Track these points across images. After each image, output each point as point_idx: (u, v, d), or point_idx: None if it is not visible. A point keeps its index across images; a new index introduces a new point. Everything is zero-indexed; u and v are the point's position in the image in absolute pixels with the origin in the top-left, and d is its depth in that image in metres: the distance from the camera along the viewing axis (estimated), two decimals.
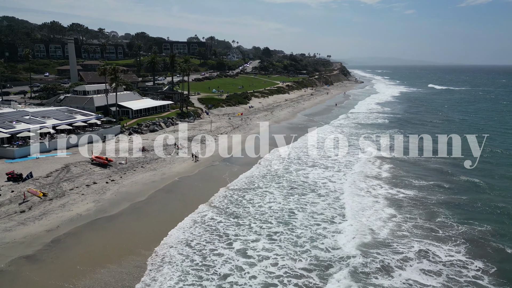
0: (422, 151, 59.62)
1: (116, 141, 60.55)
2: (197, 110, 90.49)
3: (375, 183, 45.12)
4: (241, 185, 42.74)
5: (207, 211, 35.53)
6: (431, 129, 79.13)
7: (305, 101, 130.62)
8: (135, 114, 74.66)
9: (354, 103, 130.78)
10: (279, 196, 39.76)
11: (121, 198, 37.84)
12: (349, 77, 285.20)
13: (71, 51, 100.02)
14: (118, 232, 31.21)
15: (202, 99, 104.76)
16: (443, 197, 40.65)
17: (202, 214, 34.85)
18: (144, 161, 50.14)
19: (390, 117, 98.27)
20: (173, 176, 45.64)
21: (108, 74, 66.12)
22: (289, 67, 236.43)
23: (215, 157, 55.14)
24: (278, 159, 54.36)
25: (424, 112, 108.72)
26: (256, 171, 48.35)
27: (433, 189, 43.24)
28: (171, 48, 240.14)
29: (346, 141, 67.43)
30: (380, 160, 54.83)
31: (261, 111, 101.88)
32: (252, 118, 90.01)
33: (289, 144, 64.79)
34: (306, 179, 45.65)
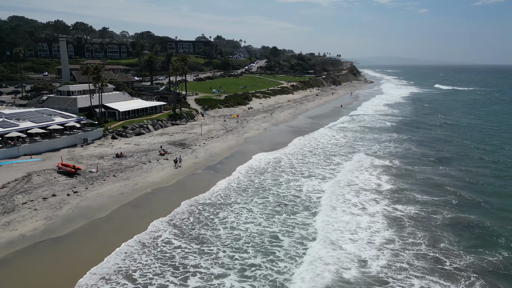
0: (429, 160, 53.89)
1: (96, 145, 56.20)
2: (191, 111, 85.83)
3: (373, 197, 39.64)
4: (216, 199, 37.57)
5: (163, 231, 30.35)
6: (440, 135, 73.05)
7: (309, 102, 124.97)
8: (122, 116, 70.33)
9: (361, 104, 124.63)
10: (261, 215, 34.30)
11: (78, 214, 33.21)
12: (358, 76, 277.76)
13: (62, 50, 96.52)
14: (60, 259, 26.50)
15: (199, 99, 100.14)
16: (449, 216, 35.11)
17: (156, 235, 29.66)
18: (118, 169, 45.54)
19: (398, 120, 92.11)
20: (146, 187, 40.89)
21: (90, 73, 61.84)
22: (296, 66, 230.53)
23: (199, 164, 50.27)
24: (269, 167, 49.17)
25: (433, 114, 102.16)
26: (238, 182, 43.18)
27: (439, 205, 37.65)
28: (176, 48, 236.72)
29: (348, 147, 61.91)
30: (382, 169, 49.23)
31: (261, 113, 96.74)
32: (249, 120, 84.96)
33: (284, 149, 59.60)
34: (298, 193, 40.27)
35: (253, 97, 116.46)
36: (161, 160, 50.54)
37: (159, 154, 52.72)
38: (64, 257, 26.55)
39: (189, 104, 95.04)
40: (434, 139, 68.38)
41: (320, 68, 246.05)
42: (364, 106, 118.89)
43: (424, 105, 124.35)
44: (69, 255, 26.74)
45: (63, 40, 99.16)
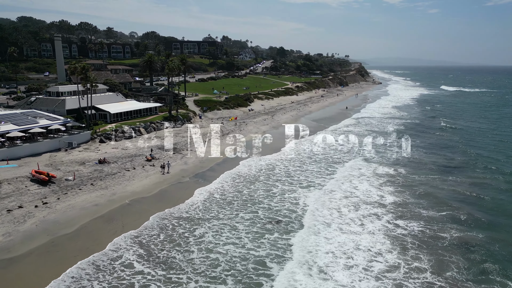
0: (437, 168, 49.57)
1: (81, 150, 53.08)
2: (188, 113, 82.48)
3: (374, 211, 35.66)
4: (195, 212, 33.72)
5: (125, 250, 26.58)
6: (449, 140, 68.45)
7: (314, 103, 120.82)
8: (114, 118, 67.25)
9: (367, 106, 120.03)
10: (247, 234, 30.25)
11: (41, 230, 29.90)
12: (366, 77, 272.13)
13: (58, 50, 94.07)
14: (4, 285, 23.13)
15: (198, 101, 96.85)
16: (457, 235, 31.10)
17: (116, 256, 25.97)
18: (98, 176, 42.25)
19: (405, 123, 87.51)
20: (125, 197, 37.48)
21: (77, 73, 58.85)
22: (302, 67, 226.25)
23: (187, 171, 46.77)
24: (261, 175, 45.40)
25: (442, 118, 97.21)
26: (223, 193, 39.40)
27: (446, 222, 33.60)
28: (181, 48, 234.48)
29: (349, 153, 57.86)
30: (385, 178, 45.12)
31: (261, 115, 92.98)
32: (248, 122, 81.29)
33: (280, 154, 55.79)
34: (294, 206, 36.29)
35: (255, 98, 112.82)
36: (147, 166, 47.17)
37: (146, 160, 49.37)
38: (10, 283, 23.17)
39: (187, 106, 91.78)
40: (442, 145, 63.93)
41: (327, 69, 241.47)
42: (371, 108, 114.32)
43: (433, 108, 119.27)
44: (16, 281, 23.36)
45: (59, 40, 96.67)
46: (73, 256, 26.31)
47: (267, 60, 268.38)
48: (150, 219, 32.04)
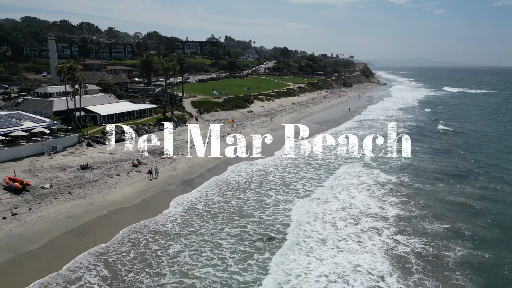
0: (443, 176, 46.24)
1: (66, 154, 50.39)
2: (184, 115, 79.69)
3: (374, 225, 32.51)
4: (171, 226, 30.72)
5: (86, 271, 23.56)
6: (456, 145, 64.97)
7: (316, 104, 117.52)
8: (105, 120, 64.58)
9: (371, 108, 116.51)
10: (232, 254, 26.97)
11: (4, 246, 27.12)
12: (371, 78, 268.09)
13: (51, 49, 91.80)
14: None
15: (195, 102, 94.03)
16: (461, 254, 28.23)
17: (74, 277, 22.85)
18: (77, 184, 39.47)
19: (409, 126, 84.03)
20: (103, 207, 34.65)
21: (64, 73, 56.23)
22: (305, 67, 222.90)
23: (175, 178, 43.87)
24: (252, 182, 42.36)
25: (449, 120, 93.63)
26: (206, 203, 36.43)
27: (450, 238, 30.53)
28: (183, 48, 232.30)
29: (349, 159, 54.68)
30: (388, 187, 41.90)
31: (260, 117, 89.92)
32: (246, 125, 78.28)
33: (276, 159, 52.68)
34: (288, 219, 33.18)
35: (255, 99, 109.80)
36: (133, 172, 44.32)
37: (132, 165, 46.54)
38: None
39: (184, 107, 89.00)
40: (448, 151, 60.47)
41: (331, 70, 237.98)
42: (374, 110, 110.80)
43: (438, 110, 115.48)
44: None
45: (52, 39, 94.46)
46: (33, 278, 23.49)
47: (270, 60, 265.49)
48: (120, 232, 29.12)
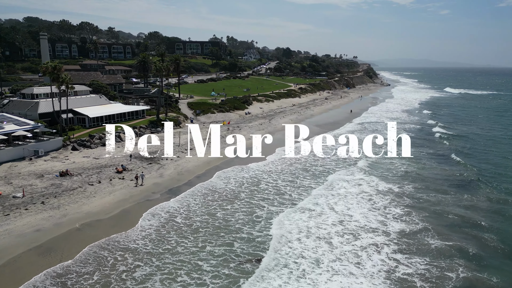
0: (449, 185, 42.98)
1: (48, 159, 47.68)
2: (178, 117, 76.86)
3: (374, 242, 29.39)
4: (143, 243, 27.45)
5: None
6: (463, 150, 61.55)
7: (316, 106, 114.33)
8: (93, 123, 61.88)
9: (374, 109, 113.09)
10: (214, 279, 23.67)
11: None
12: (374, 79, 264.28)
13: (43, 48, 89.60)
14: None
15: (192, 103, 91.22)
16: (464, 276, 25.32)
17: None
18: (53, 192, 36.68)
19: (413, 130, 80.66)
20: (77, 219, 31.78)
21: (48, 73, 53.57)
22: (307, 68, 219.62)
23: (160, 185, 40.96)
24: (242, 191, 39.33)
25: (454, 123, 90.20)
26: (187, 215, 33.41)
27: (454, 257, 27.61)
28: (184, 48, 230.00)
29: (348, 165, 51.50)
30: (389, 198, 38.71)
31: (258, 119, 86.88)
32: (242, 127, 75.29)
33: (270, 165, 49.60)
34: (283, 234, 30.17)
35: (254, 100, 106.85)
36: (115, 179, 41.47)
37: (116, 172, 43.70)
38: None
39: (179, 109, 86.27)
40: (453, 157, 56.95)
41: (334, 70, 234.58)
42: (377, 112, 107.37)
43: (443, 112, 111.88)
44: None
45: (44, 38, 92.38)
46: None
47: (272, 61, 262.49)
48: (86, 248, 26.24)
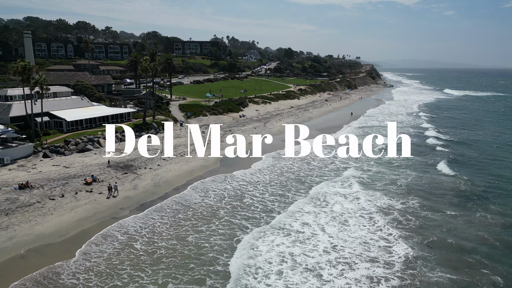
0: (459, 200, 38.00)
1: (14, 167, 43.25)
2: (167, 120, 72.28)
3: (370, 274, 24.60)
4: (85, 278, 22.49)
5: None
6: (472, 157, 56.48)
7: (316, 108, 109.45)
8: (72, 127, 57.46)
9: (375, 112, 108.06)
10: None
11: None
12: (377, 80, 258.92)
13: (27, 47, 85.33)
14: None
15: (183, 105, 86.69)
16: None
17: None
18: (6, 208, 32.13)
19: (417, 135, 75.68)
20: (24, 243, 27.20)
21: (17, 73, 49.21)
22: (308, 69, 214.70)
23: (132, 199, 36.39)
24: (222, 207, 34.66)
25: (460, 127, 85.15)
26: (149, 240, 28.76)
27: None
28: (183, 48, 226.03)
29: (346, 177, 46.67)
30: (391, 216, 33.89)
31: (253, 122, 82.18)
32: (235, 131, 70.62)
33: (258, 174, 44.84)
34: (261, 268, 25.43)
35: (250, 102, 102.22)
36: (82, 192, 36.91)
37: (84, 183, 39.15)
38: None
39: (169, 111, 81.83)
40: (464, 165, 52.10)
41: (336, 71, 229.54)
42: (379, 114, 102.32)
43: (450, 115, 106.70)
44: None
45: (28, 36, 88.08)
46: None
47: (273, 61, 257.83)
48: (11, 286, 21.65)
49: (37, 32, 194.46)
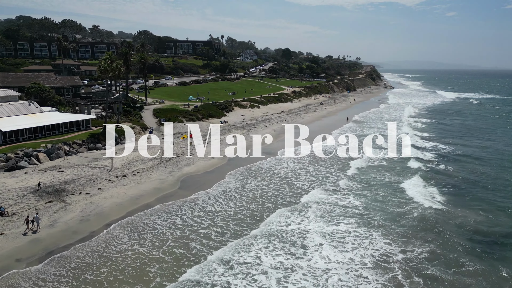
0: (472, 234, 28.63)
1: None
2: (134, 127, 63.07)
3: None
4: None
5: None
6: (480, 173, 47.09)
7: (309, 112, 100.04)
8: (10, 138, 48.27)
9: (374, 117, 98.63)
10: None
11: None
12: (378, 81, 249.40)
13: None
14: None
15: (158, 110, 77.56)
16: None
17: None
18: None
19: (421, 146, 66.33)
20: None
21: None
22: (305, 69, 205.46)
23: (40, 243, 27.17)
24: (156, 266, 25.42)
25: (467, 136, 75.89)
26: None
27: None
28: (175, 48, 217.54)
29: (338, 205, 37.41)
30: (390, 274, 24.61)
31: (235, 129, 72.83)
32: (211, 140, 61.35)
33: (224, 203, 35.57)
34: None
35: (236, 106, 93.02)
36: None
37: None
38: None
39: (141, 117, 72.72)
40: (473, 184, 42.77)
41: (334, 72, 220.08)
42: (378, 120, 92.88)
43: (455, 120, 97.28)
44: None
45: None
46: None
47: (270, 62, 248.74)
48: None
49: (21, 31, 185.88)
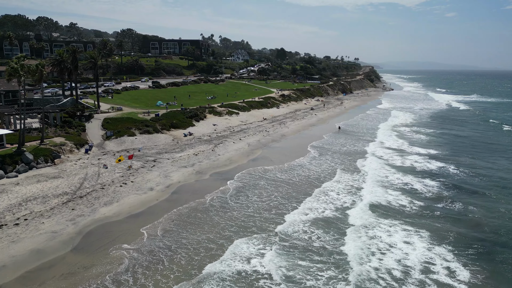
0: None
1: None
2: (62, 145, 49.70)
3: None
4: None
5: None
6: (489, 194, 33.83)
7: (295, 120, 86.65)
8: None
9: (371, 126, 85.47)
10: None
11: None
12: (376, 83, 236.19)
13: None
14: None
15: (110, 119, 64.14)
16: None
17: None
18: None
19: (425, 164, 53.16)
20: None
21: None
22: (298, 70, 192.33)
23: None
24: None
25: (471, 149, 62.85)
26: None
27: None
28: (160, 48, 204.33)
29: (321, 256, 24.15)
30: None
31: (199, 144, 59.23)
32: (160, 162, 48.06)
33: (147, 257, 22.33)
34: None
35: (210, 113, 79.78)
36: None
37: None
38: None
39: (84, 129, 59.43)
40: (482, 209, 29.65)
41: (330, 73, 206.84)
42: (376, 130, 79.60)
43: (460, 128, 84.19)
44: None
45: None
46: None
47: (264, 62, 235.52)
48: None
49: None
